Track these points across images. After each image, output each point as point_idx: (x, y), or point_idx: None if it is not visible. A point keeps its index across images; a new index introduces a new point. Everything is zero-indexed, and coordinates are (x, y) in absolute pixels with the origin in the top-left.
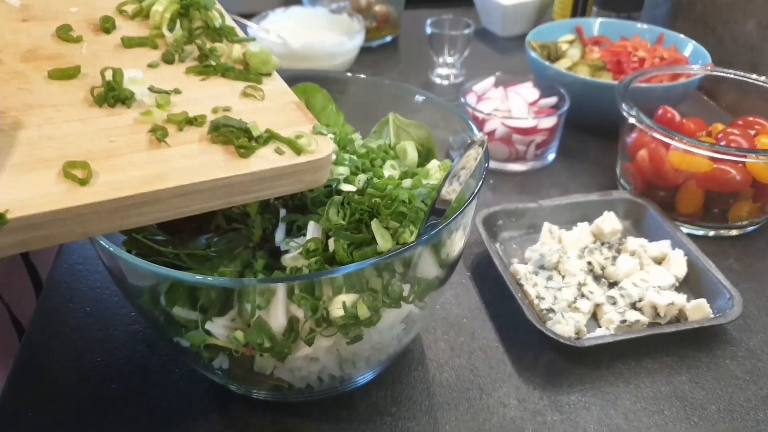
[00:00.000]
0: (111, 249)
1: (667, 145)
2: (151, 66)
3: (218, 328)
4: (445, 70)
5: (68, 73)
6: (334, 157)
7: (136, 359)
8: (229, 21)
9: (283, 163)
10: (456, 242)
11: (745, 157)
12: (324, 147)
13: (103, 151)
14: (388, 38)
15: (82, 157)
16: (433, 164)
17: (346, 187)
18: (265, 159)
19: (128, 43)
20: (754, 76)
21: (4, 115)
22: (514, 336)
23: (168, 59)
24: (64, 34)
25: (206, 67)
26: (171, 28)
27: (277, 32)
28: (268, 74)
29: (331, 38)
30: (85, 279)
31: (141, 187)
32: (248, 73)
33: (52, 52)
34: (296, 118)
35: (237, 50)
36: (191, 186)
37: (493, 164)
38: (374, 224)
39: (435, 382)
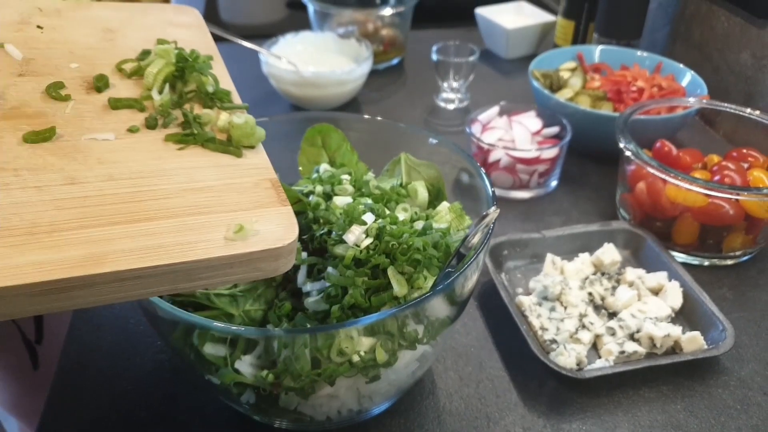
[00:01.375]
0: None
1: (664, 179)
2: (130, 130)
3: (246, 366)
4: (450, 94)
5: (42, 136)
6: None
7: (163, 387)
8: (226, 84)
9: (232, 251)
10: (468, 286)
11: (737, 195)
12: (286, 233)
13: (48, 224)
14: (395, 61)
15: (23, 231)
16: (444, 206)
17: (365, 243)
18: (213, 245)
19: (114, 104)
20: (748, 110)
21: None
22: (519, 366)
23: (150, 124)
24: (54, 92)
25: (186, 135)
26: (161, 91)
27: (287, 58)
28: (251, 147)
29: (340, 63)
30: (109, 308)
31: (73, 271)
32: (229, 145)
33: (35, 110)
34: (266, 198)
35: (224, 119)
36: (129, 272)
37: (497, 192)
38: (390, 271)
39: (445, 410)
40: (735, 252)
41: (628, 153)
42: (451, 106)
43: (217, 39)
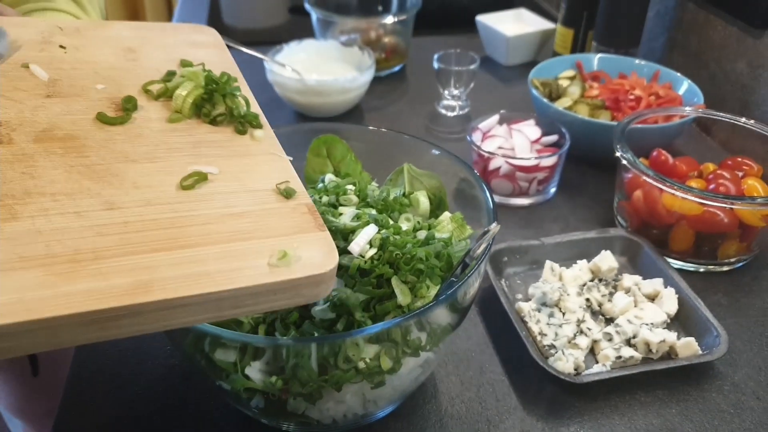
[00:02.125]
0: None
1: (660, 188)
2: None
3: (255, 372)
4: (451, 102)
5: (119, 120)
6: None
7: (173, 391)
8: (255, 107)
9: (278, 278)
10: (469, 294)
11: (731, 204)
12: (327, 260)
13: (90, 251)
14: (397, 68)
15: (66, 258)
16: (445, 216)
17: (369, 253)
18: (258, 271)
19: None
20: (743, 119)
21: (0, 204)
22: (518, 370)
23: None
24: (104, 117)
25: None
26: (190, 115)
27: (291, 66)
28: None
29: (342, 71)
30: None
31: (122, 299)
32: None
33: (66, 133)
34: (304, 223)
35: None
36: (176, 300)
37: (497, 199)
38: (394, 281)
39: (447, 414)
40: (730, 259)
41: (625, 162)
42: (451, 114)
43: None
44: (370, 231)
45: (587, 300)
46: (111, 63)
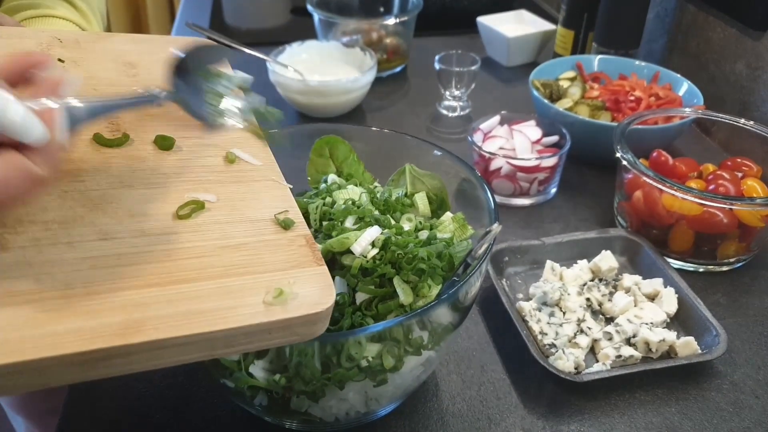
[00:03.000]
0: None
1: (660, 188)
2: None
3: (259, 370)
4: (453, 102)
5: (116, 142)
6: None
7: (177, 389)
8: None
9: (273, 317)
10: (471, 293)
11: (731, 204)
12: (323, 298)
13: (82, 285)
14: (398, 69)
15: (57, 294)
16: (447, 216)
17: (371, 253)
18: (253, 310)
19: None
20: (742, 120)
21: None
22: (519, 369)
23: None
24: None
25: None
26: None
27: (294, 67)
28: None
29: (344, 71)
30: None
31: (113, 340)
32: None
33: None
34: (302, 256)
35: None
36: (169, 341)
37: (498, 199)
38: (396, 280)
39: (448, 412)
40: (729, 259)
41: (625, 163)
42: (453, 114)
43: (226, 46)
44: (372, 232)
45: (587, 299)
46: (111, 78)
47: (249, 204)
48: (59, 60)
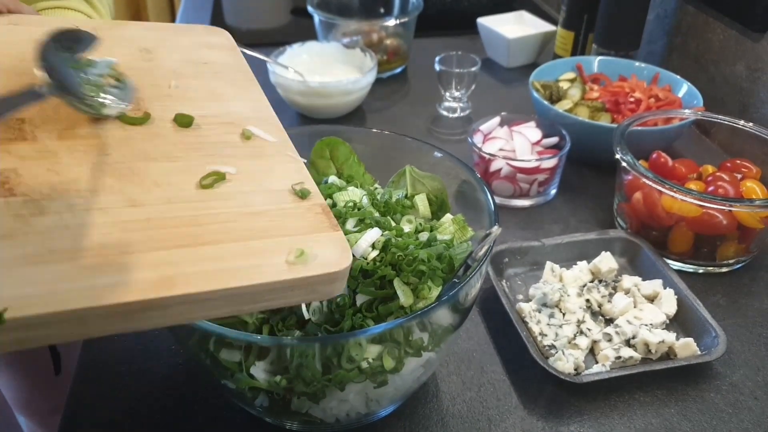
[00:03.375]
0: None
1: (660, 190)
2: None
3: (259, 371)
4: (453, 103)
5: (139, 121)
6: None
7: (178, 390)
8: (269, 110)
9: (296, 275)
10: (471, 295)
11: (730, 206)
12: (341, 259)
13: (116, 246)
14: (398, 69)
15: (94, 252)
16: (447, 218)
17: (371, 255)
18: (277, 269)
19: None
20: (741, 122)
21: (27, 200)
22: (519, 370)
23: None
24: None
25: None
26: None
27: (294, 68)
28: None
29: (345, 72)
30: None
31: (148, 293)
32: None
33: (87, 131)
34: (319, 223)
35: None
36: (199, 295)
37: (498, 200)
38: (396, 282)
39: (448, 413)
40: (728, 260)
41: (624, 164)
42: (453, 115)
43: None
44: (373, 234)
45: (587, 301)
46: (128, 63)
47: (266, 176)
48: None
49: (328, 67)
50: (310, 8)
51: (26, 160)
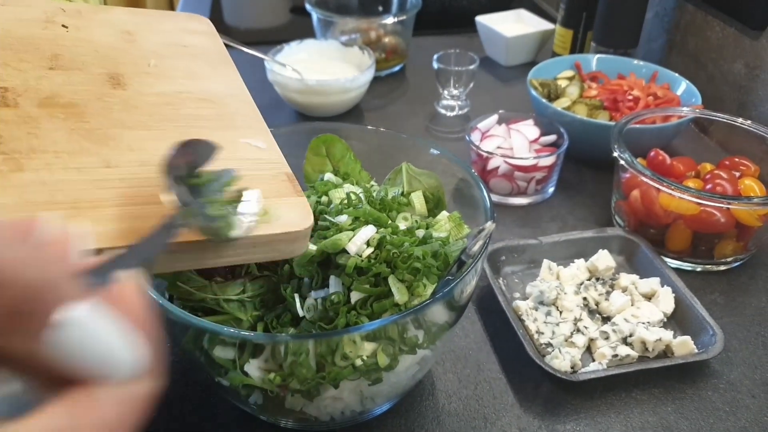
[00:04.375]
0: (161, 302)
1: (657, 188)
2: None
3: (254, 369)
4: (451, 101)
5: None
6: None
7: (173, 388)
8: (249, 105)
9: (259, 232)
10: (466, 292)
11: (728, 204)
12: (303, 221)
13: (89, 201)
14: (397, 68)
15: (68, 205)
16: (443, 215)
17: (366, 252)
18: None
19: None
20: (740, 120)
21: (7, 158)
22: (515, 368)
23: None
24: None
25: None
26: None
27: (292, 66)
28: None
29: (343, 70)
30: None
31: (116, 241)
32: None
33: (68, 101)
34: (284, 188)
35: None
36: (168, 246)
37: (495, 198)
38: (391, 279)
39: (444, 411)
40: (726, 258)
41: (622, 162)
42: (451, 113)
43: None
44: (368, 231)
45: (584, 299)
46: (110, 43)
47: (237, 145)
48: (63, 26)
49: (326, 65)
50: (308, 6)
51: (8, 124)
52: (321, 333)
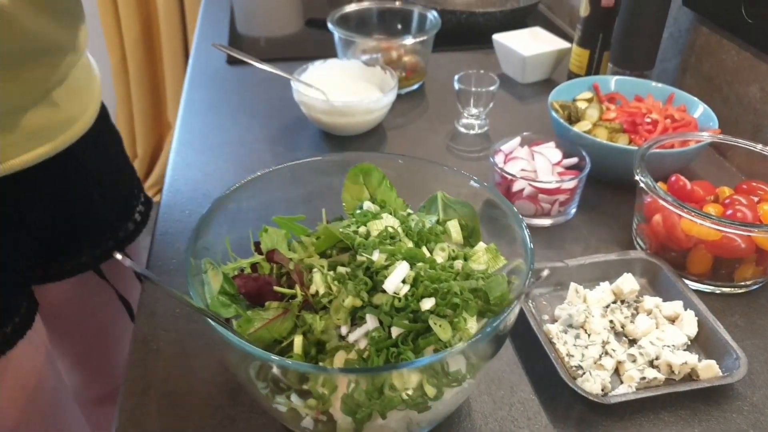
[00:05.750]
0: (222, 332)
1: (679, 214)
2: None
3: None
4: (471, 120)
5: None
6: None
7: (222, 410)
8: None
9: None
10: (508, 326)
11: (749, 231)
12: None
13: None
14: (416, 85)
15: None
16: (480, 247)
17: (403, 290)
18: None
19: None
20: (759, 146)
21: None
22: (547, 390)
23: None
24: None
25: None
26: None
27: (316, 86)
28: None
29: (365, 89)
30: (165, 332)
31: None
32: None
33: None
34: None
35: None
36: None
37: None
38: (431, 320)
39: None
40: (746, 281)
41: (644, 187)
42: (471, 132)
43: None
44: (403, 269)
45: (611, 322)
46: None
47: None
48: None
49: (350, 84)
50: (330, 25)
51: None
52: (370, 368)
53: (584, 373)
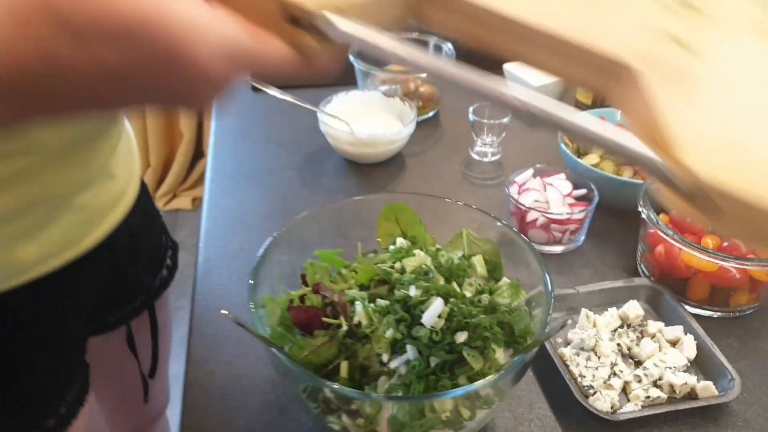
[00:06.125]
0: (287, 363)
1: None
2: None
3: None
4: (484, 148)
5: None
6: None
7: (273, 425)
8: None
9: None
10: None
11: (744, 264)
12: None
13: None
14: (431, 113)
15: None
16: (504, 282)
17: (439, 324)
18: None
19: None
20: None
21: None
22: (562, 407)
23: None
24: None
25: None
26: None
27: (340, 117)
28: None
29: (385, 119)
30: (216, 354)
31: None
32: None
33: None
34: None
35: None
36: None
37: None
38: (465, 351)
39: None
40: (741, 307)
41: (648, 220)
42: (485, 159)
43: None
44: (438, 305)
45: (618, 345)
46: None
47: None
48: None
49: (371, 115)
50: (351, 58)
51: None
52: (417, 396)
53: (595, 392)
